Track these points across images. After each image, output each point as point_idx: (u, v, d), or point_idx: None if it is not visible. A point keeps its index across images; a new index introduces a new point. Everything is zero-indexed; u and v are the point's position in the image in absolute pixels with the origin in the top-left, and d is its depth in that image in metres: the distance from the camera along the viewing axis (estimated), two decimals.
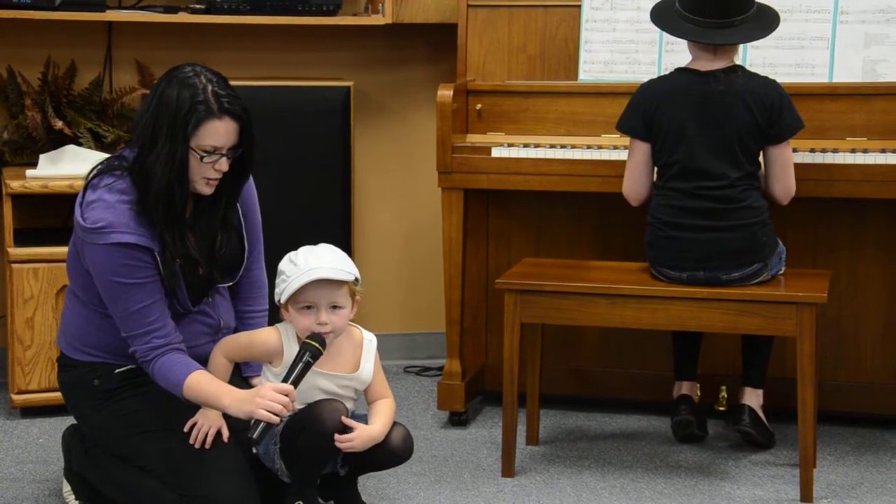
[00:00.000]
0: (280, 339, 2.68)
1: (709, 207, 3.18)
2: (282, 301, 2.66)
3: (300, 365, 2.58)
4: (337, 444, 2.61)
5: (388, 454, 2.72)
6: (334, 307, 2.63)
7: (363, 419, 2.74)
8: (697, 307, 3.15)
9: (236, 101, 2.64)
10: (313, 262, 2.62)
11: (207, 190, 2.68)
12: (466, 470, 3.30)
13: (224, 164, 2.65)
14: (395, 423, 2.74)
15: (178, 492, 2.64)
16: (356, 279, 2.67)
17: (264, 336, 2.71)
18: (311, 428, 2.60)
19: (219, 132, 2.61)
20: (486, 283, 3.79)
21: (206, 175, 2.65)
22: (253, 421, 2.53)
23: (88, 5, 3.67)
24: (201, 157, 2.62)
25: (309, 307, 2.63)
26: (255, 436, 2.53)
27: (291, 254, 2.67)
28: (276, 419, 2.52)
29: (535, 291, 3.21)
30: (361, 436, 2.64)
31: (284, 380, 2.57)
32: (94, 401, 2.76)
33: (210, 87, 2.61)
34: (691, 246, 3.19)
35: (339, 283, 2.63)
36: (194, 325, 2.76)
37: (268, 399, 2.51)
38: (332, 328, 2.63)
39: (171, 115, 2.59)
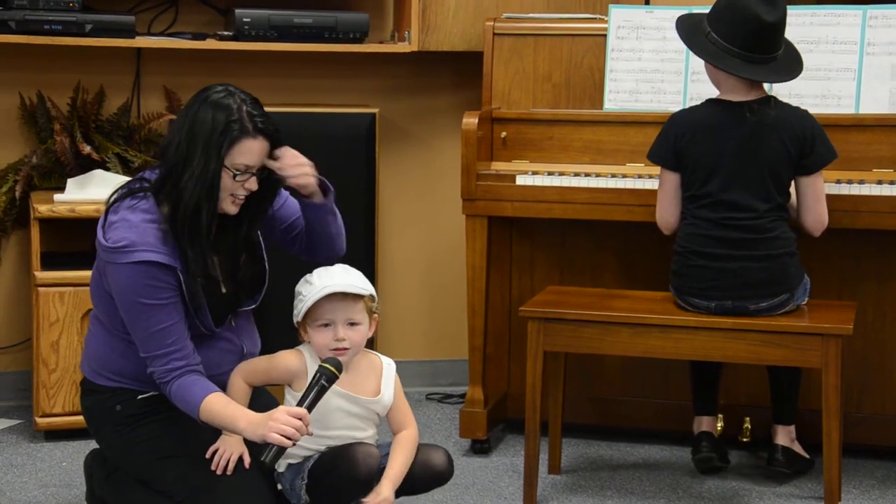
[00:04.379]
0: (303, 360, 2.68)
1: (738, 237, 3.17)
2: (299, 320, 2.67)
3: (315, 389, 2.56)
4: None
5: (430, 477, 2.71)
6: (351, 324, 2.64)
7: (386, 448, 2.73)
8: (722, 337, 3.13)
9: (269, 121, 2.68)
10: (327, 279, 2.64)
11: (233, 209, 2.70)
12: (488, 498, 3.29)
13: (254, 184, 2.68)
14: (433, 447, 2.73)
15: None
16: (372, 296, 2.68)
17: (285, 358, 2.70)
18: (343, 471, 2.59)
19: (252, 151, 2.65)
20: (510, 310, 3.78)
21: (235, 193, 2.67)
22: (269, 446, 2.53)
23: (118, 32, 3.71)
24: (234, 175, 2.65)
25: (326, 325, 2.63)
26: (267, 460, 2.51)
27: (307, 275, 2.68)
28: (288, 443, 2.50)
29: (559, 320, 3.20)
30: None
31: (299, 403, 2.56)
32: (117, 426, 2.77)
33: (244, 108, 2.65)
34: (720, 275, 3.17)
35: (354, 299, 2.64)
36: (214, 351, 2.76)
37: (280, 422, 2.50)
38: (349, 344, 2.63)
39: (207, 134, 2.62)
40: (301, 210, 2.86)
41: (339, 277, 2.65)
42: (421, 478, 2.71)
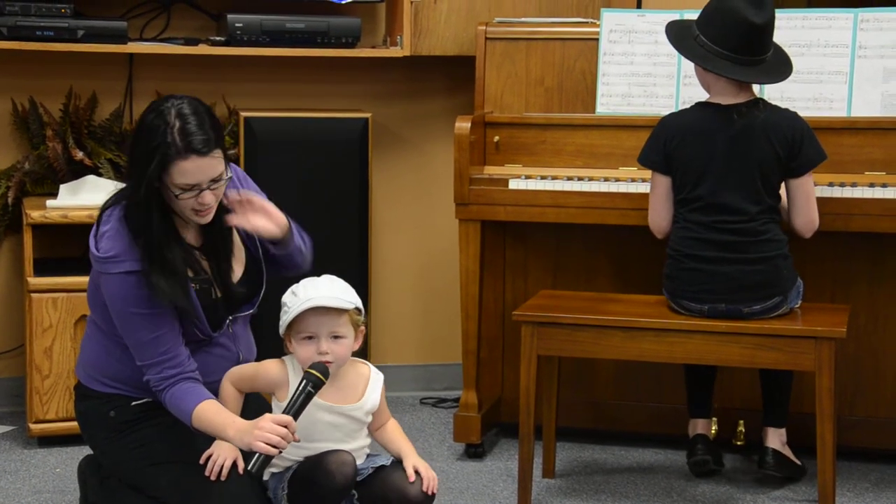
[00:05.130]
0: (285, 371, 2.65)
1: (730, 240, 3.18)
2: (282, 332, 2.65)
3: (301, 396, 2.54)
4: (431, 490, 2.65)
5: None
6: (335, 337, 2.61)
7: (379, 459, 2.72)
8: (715, 341, 3.13)
9: (206, 139, 2.59)
10: (312, 291, 2.60)
11: (200, 220, 2.68)
12: (482, 502, 3.29)
13: (207, 197, 2.62)
14: (419, 475, 2.69)
15: None
16: (358, 309, 2.65)
17: (268, 367, 2.68)
18: (320, 482, 2.58)
19: (187, 171, 2.58)
20: (503, 314, 3.78)
21: (192, 208, 2.64)
22: (256, 454, 2.51)
23: (110, 37, 3.71)
24: (176, 195, 2.61)
25: (310, 337, 2.60)
26: (253, 469, 2.50)
27: (294, 286, 2.65)
28: (274, 451, 2.49)
29: (552, 324, 3.20)
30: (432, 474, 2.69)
31: (286, 410, 2.55)
32: (110, 432, 2.77)
33: (178, 124, 2.58)
34: (713, 278, 3.18)
35: (338, 312, 2.61)
36: (211, 357, 2.76)
37: (266, 431, 2.49)
38: (333, 358, 2.60)
39: (142, 149, 2.60)
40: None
41: (324, 290, 2.61)
42: (394, 502, 2.67)
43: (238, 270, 2.80)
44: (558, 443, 3.53)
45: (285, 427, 2.49)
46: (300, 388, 2.56)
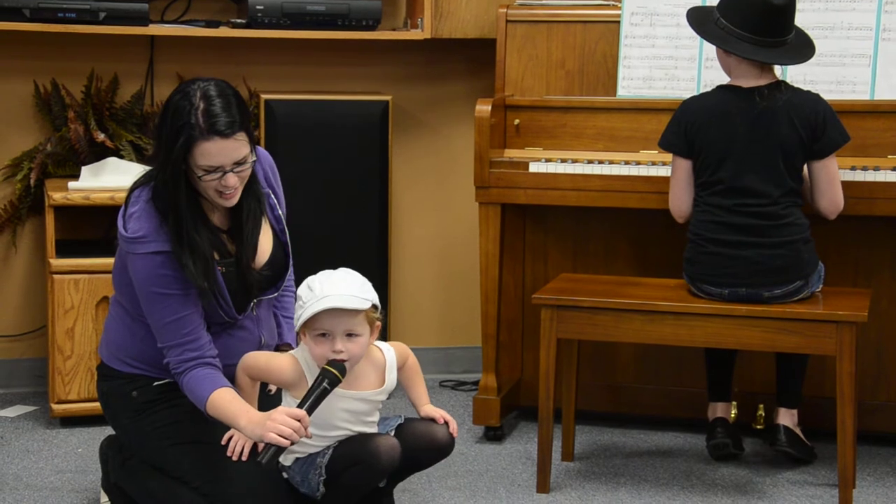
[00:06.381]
0: (298, 369, 2.64)
1: (751, 224, 3.17)
2: (297, 328, 2.64)
3: (317, 391, 2.54)
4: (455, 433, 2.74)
5: (432, 452, 2.73)
6: (350, 335, 2.58)
7: (392, 420, 2.74)
8: (736, 324, 3.13)
9: (231, 121, 2.59)
10: (328, 288, 2.57)
11: (225, 202, 2.68)
12: (501, 485, 3.30)
13: (231, 180, 2.63)
14: (434, 423, 2.74)
15: (212, 503, 2.66)
16: (374, 305, 2.62)
17: (281, 364, 2.66)
18: (366, 465, 2.59)
19: (210, 153, 2.59)
20: (523, 298, 3.78)
21: (215, 189, 2.65)
22: (264, 444, 2.51)
23: (131, 19, 3.71)
24: (199, 176, 2.62)
25: (324, 335, 2.58)
26: (263, 460, 2.49)
27: (310, 279, 2.63)
28: (286, 443, 2.49)
29: (572, 307, 3.20)
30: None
31: (300, 404, 2.54)
32: (132, 412, 2.79)
33: (203, 106, 2.58)
34: (734, 262, 3.17)
35: (354, 311, 2.58)
36: (233, 340, 2.77)
37: (279, 423, 2.49)
38: (347, 356, 2.58)
39: (167, 131, 2.61)
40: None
41: (341, 287, 2.58)
42: (425, 451, 2.72)
43: (264, 254, 2.81)
44: (577, 426, 3.53)
45: (298, 421, 2.50)
46: (316, 383, 2.55)
